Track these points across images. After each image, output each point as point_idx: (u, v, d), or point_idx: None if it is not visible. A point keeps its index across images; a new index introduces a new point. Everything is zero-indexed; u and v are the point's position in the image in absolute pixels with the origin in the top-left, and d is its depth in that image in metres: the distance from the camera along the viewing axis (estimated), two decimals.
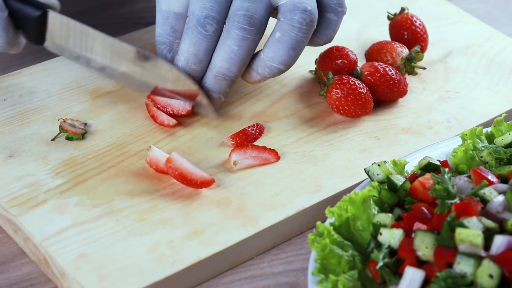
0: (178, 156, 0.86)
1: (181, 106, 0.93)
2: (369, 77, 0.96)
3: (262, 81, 0.93)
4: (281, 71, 0.92)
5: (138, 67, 0.94)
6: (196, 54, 0.91)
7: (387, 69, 0.96)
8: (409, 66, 0.99)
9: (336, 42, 1.04)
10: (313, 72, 1.01)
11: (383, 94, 0.96)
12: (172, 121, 0.93)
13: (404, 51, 0.99)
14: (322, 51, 0.99)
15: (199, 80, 0.93)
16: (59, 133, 0.91)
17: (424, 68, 1.00)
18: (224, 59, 0.90)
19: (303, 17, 0.89)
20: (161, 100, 0.93)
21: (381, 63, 0.97)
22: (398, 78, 0.96)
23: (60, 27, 0.95)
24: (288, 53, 0.90)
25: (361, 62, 1.02)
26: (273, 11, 0.92)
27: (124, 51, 0.94)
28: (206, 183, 0.86)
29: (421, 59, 1.00)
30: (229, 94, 0.96)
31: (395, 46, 0.99)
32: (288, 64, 0.91)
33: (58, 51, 0.97)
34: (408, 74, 1.00)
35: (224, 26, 0.90)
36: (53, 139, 0.91)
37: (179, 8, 0.92)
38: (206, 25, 0.89)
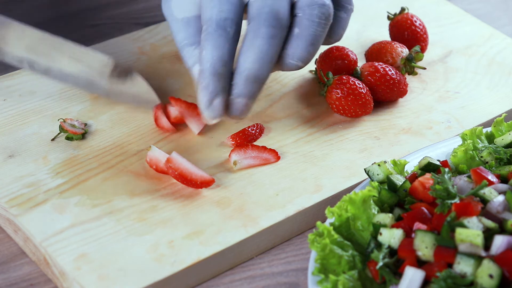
0: (178, 156, 0.86)
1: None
2: (369, 77, 0.96)
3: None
4: (299, 68, 0.89)
5: (79, 64, 0.92)
6: (221, 57, 0.85)
7: (387, 69, 0.96)
8: (409, 66, 0.99)
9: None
10: (313, 72, 1.01)
11: (383, 94, 0.96)
12: (171, 127, 0.92)
13: (404, 51, 0.99)
14: (322, 51, 0.99)
15: (226, 90, 0.86)
16: (59, 133, 0.91)
17: (424, 68, 1.00)
18: (254, 60, 0.86)
19: (322, 12, 0.88)
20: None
21: (381, 63, 0.97)
22: (398, 78, 0.96)
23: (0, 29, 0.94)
24: (307, 49, 0.88)
25: (361, 62, 1.02)
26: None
27: (63, 47, 0.92)
28: (206, 183, 0.86)
29: (421, 59, 1.00)
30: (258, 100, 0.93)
31: (395, 46, 0.99)
32: (307, 60, 0.89)
33: (14, 62, 0.95)
34: (408, 74, 1.00)
35: (249, 26, 0.87)
36: (53, 139, 0.91)
37: (196, 11, 0.89)
38: (227, 27, 0.86)
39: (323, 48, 1.02)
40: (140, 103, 0.94)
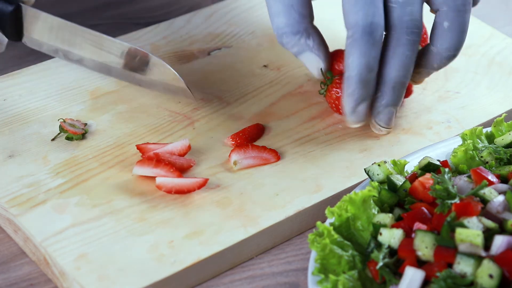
0: (163, 178, 0.86)
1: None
2: None
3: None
4: (454, 57, 0.91)
5: (114, 56, 0.94)
6: (367, 64, 0.86)
7: None
8: None
9: (336, 41, 1.04)
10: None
11: None
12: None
13: None
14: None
15: (371, 96, 0.89)
16: (59, 133, 0.91)
17: None
18: (400, 67, 0.88)
19: (462, 0, 0.89)
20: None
21: None
22: None
23: (35, 20, 0.95)
24: (461, 39, 0.90)
25: None
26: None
27: (105, 43, 0.94)
28: (202, 184, 0.85)
29: None
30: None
31: None
32: (461, 48, 0.91)
33: (36, 46, 0.98)
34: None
35: (391, 34, 0.88)
36: (53, 139, 0.91)
37: None
38: (373, 32, 0.86)
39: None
40: (169, 91, 0.96)
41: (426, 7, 0.93)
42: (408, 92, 0.97)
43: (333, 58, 0.97)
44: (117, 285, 0.77)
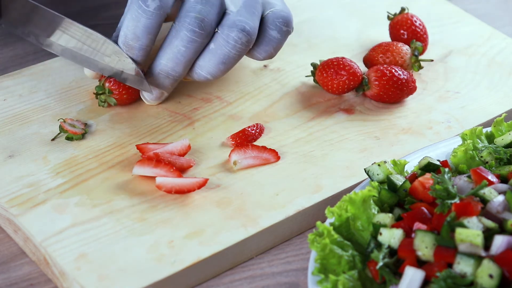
0: (163, 178, 0.86)
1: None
2: (376, 82, 0.96)
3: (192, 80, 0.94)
4: (208, 80, 0.93)
5: (80, 43, 0.93)
6: (134, 30, 0.89)
7: (393, 70, 0.96)
8: (418, 62, 0.99)
9: (336, 41, 1.04)
10: (310, 76, 1.01)
11: (394, 96, 0.96)
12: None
13: (408, 48, 1.00)
14: (323, 59, 0.99)
15: (137, 59, 0.91)
16: (59, 133, 0.91)
17: (432, 60, 1.00)
18: (170, 58, 0.90)
19: (239, 36, 0.90)
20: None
21: (385, 66, 0.96)
22: (405, 77, 0.96)
23: (11, 3, 0.95)
24: (217, 66, 0.91)
25: (359, 63, 1.02)
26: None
27: (70, 27, 0.94)
28: (202, 184, 0.85)
29: (423, 52, 1.01)
30: (171, 91, 0.96)
31: (399, 46, 0.99)
32: (216, 76, 0.92)
33: (12, 29, 0.97)
34: (418, 70, 1.00)
35: (173, 25, 0.90)
36: (53, 139, 0.91)
37: None
38: (148, 0, 0.88)
39: (323, 54, 1.02)
40: (129, 81, 0.95)
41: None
42: (413, 89, 0.97)
43: (335, 71, 0.96)
44: (117, 285, 0.77)
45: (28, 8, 0.95)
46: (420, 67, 1.00)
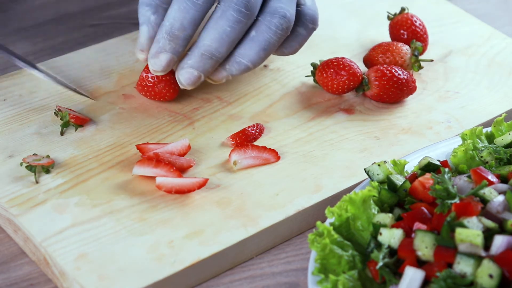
0: (163, 178, 0.86)
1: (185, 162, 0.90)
2: (376, 82, 0.96)
3: (225, 79, 0.93)
4: (249, 69, 0.92)
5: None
6: (181, 21, 0.90)
7: (393, 70, 0.96)
8: (418, 62, 0.99)
9: (336, 41, 1.04)
10: (310, 76, 1.01)
11: (394, 96, 0.96)
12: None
13: (408, 48, 1.00)
14: (323, 59, 0.99)
15: (178, 52, 0.91)
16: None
17: (432, 60, 1.00)
18: (215, 39, 0.90)
19: (280, 23, 0.91)
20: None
21: (385, 66, 0.96)
22: (405, 77, 0.96)
23: None
24: (259, 53, 0.91)
25: (359, 63, 1.02)
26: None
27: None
28: (202, 184, 0.85)
29: (422, 52, 1.01)
30: (209, 74, 0.94)
31: (399, 46, 0.99)
32: (257, 63, 0.92)
33: None
34: (418, 70, 1.00)
35: (218, 6, 0.90)
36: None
37: None
38: None
39: (323, 54, 1.02)
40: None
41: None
42: (413, 89, 0.97)
43: (335, 71, 0.97)
44: (117, 285, 0.77)
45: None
46: (420, 67, 1.00)
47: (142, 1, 0.93)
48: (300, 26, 0.94)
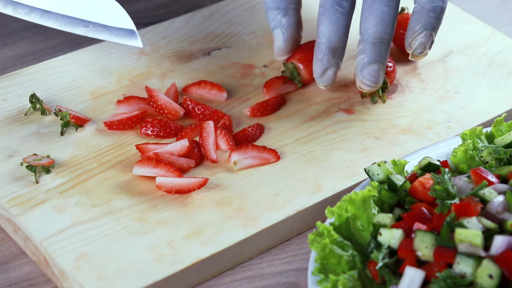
0: (163, 178, 0.85)
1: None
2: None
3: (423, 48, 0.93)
4: (444, 10, 0.92)
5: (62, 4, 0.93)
6: (336, 32, 0.91)
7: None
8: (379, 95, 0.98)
9: None
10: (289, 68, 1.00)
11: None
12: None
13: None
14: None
15: (340, 63, 0.93)
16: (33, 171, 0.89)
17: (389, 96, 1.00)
18: (377, 23, 0.91)
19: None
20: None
21: None
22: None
23: None
24: (439, 18, 0.92)
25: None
26: None
27: None
28: (202, 184, 0.86)
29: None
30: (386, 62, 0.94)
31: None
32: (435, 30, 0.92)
33: None
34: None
35: None
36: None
37: None
38: (342, 2, 0.91)
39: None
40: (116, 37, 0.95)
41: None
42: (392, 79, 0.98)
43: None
44: (117, 285, 0.77)
45: None
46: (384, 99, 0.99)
47: (270, 5, 0.95)
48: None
